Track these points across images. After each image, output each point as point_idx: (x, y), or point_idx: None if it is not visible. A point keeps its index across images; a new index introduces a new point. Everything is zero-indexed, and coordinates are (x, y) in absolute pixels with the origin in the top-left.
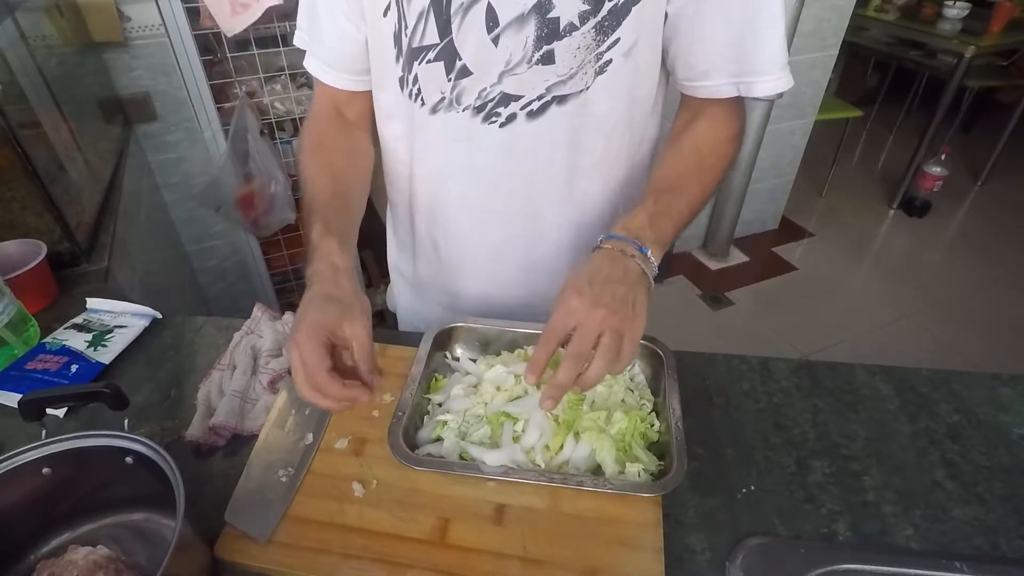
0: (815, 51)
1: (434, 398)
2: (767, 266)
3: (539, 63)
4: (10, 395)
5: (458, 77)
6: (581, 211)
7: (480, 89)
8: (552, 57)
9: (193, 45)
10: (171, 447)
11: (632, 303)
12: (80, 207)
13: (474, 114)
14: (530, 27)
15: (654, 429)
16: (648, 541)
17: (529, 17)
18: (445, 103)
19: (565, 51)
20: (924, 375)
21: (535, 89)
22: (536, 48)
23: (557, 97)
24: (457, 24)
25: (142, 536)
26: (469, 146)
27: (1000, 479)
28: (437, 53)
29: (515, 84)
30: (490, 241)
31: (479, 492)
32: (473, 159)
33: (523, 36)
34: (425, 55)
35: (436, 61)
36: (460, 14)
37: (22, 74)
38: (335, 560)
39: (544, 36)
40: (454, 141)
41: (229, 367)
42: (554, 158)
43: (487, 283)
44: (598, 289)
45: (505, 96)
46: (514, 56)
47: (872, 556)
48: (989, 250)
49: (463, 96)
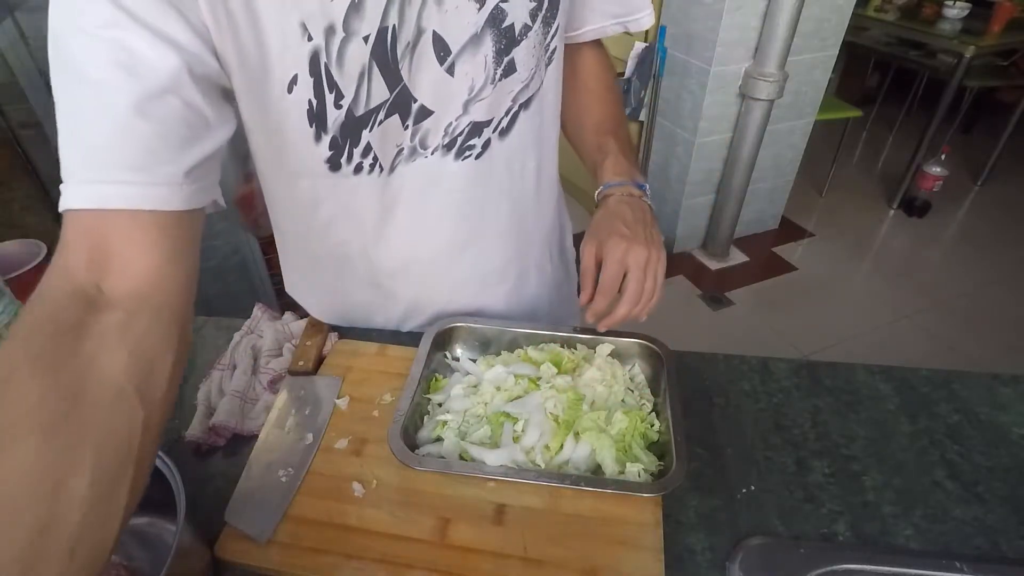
0: (815, 51)
1: (434, 398)
2: (767, 266)
3: (503, 77)
4: None
5: (416, 121)
6: (550, 197)
7: (445, 125)
8: (514, 66)
9: None
10: (171, 447)
11: (656, 237)
12: None
13: (444, 153)
14: (487, 44)
15: (654, 429)
16: (648, 541)
17: (484, 35)
18: (405, 153)
19: (524, 54)
20: (924, 375)
21: (503, 106)
22: (497, 63)
23: (522, 104)
24: (406, 68)
25: (143, 540)
26: (442, 188)
27: (1000, 479)
28: (388, 109)
29: (483, 109)
30: (484, 271)
31: (479, 492)
32: (450, 199)
33: (480, 56)
34: (375, 118)
35: (388, 118)
36: (407, 55)
37: (22, 74)
38: (335, 560)
39: (503, 48)
40: (422, 189)
41: (229, 367)
42: (527, 162)
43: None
44: (632, 230)
45: (475, 125)
46: (476, 80)
47: (872, 556)
48: (989, 250)
49: (427, 139)
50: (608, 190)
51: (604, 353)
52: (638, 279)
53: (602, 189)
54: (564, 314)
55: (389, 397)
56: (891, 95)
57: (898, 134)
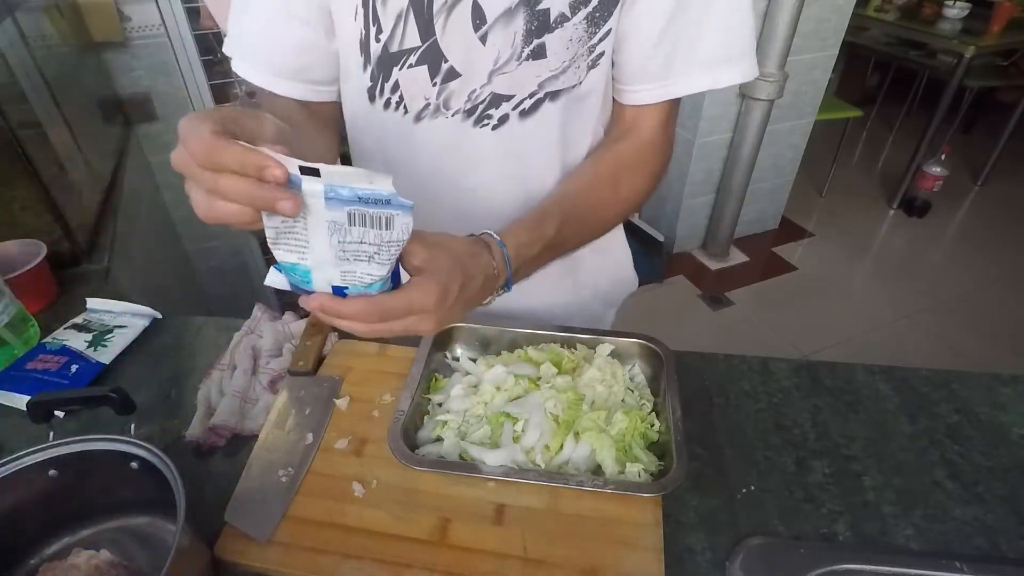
0: (815, 51)
1: (434, 398)
2: (767, 266)
3: (529, 58)
4: (10, 395)
5: (444, 80)
6: None
7: (470, 91)
8: (544, 51)
9: (193, 45)
10: (171, 447)
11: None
12: (80, 207)
13: (464, 118)
14: (519, 21)
15: (654, 429)
16: (648, 541)
17: (517, 11)
18: (431, 109)
19: (557, 44)
20: (924, 375)
21: (526, 87)
22: (526, 43)
23: (550, 93)
24: (441, 24)
25: (143, 540)
26: (459, 153)
27: (1000, 479)
28: (419, 56)
29: (506, 83)
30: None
31: (479, 492)
32: (464, 165)
33: (511, 31)
34: (406, 60)
35: (419, 65)
36: (443, 13)
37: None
38: (335, 560)
39: (534, 29)
40: (442, 149)
41: (229, 367)
42: (546, 156)
43: None
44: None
45: (496, 97)
46: (503, 53)
47: (872, 556)
48: (989, 250)
49: (451, 100)
50: (490, 241)
51: (604, 353)
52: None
53: (498, 237)
54: (560, 313)
55: (389, 397)
56: (891, 95)
57: (898, 134)
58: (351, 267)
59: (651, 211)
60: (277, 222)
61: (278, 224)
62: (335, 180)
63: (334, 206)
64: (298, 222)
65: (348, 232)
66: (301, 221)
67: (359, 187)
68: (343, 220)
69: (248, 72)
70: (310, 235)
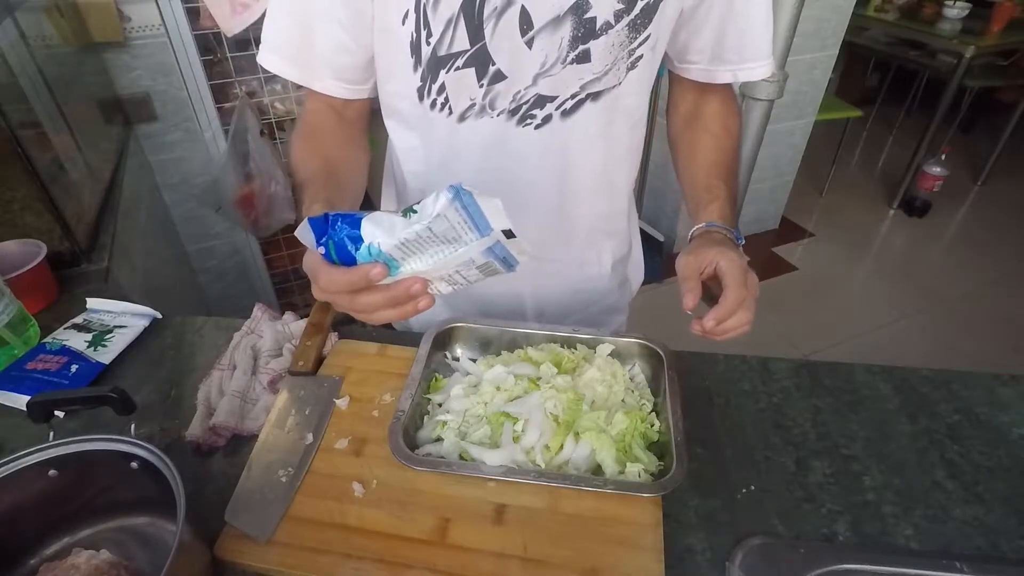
0: (815, 51)
1: (434, 398)
2: (767, 266)
3: (574, 63)
4: (10, 395)
5: (491, 82)
6: (609, 202)
7: (515, 92)
8: (588, 56)
9: (193, 45)
10: (171, 447)
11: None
12: (80, 207)
13: (508, 118)
14: (566, 28)
15: (654, 429)
16: (648, 541)
17: (565, 18)
18: (476, 109)
19: (601, 49)
20: (924, 375)
21: (569, 88)
22: (572, 48)
23: (591, 94)
24: (490, 29)
25: (144, 540)
26: (503, 150)
27: (1000, 479)
28: (467, 60)
29: (550, 85)
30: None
31: (479, 492)
32: (506, 163)
33: (558, 37)
34: (453, 62)
35: (466, 68)
36: (493, 19)
37: (22, 74)
38: (335, 560)
39: (580, 36)
40: (486, 147)
41: (229, 367)
42: (587, 153)
43: (521, 284)
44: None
45: (540, 98)
46: (549, 57)
47: (872, 556)
48: (989, 250)
49: (497, 101)
50: (712, 228)
51: (604, 353)
52: (751, 308)
53: (704, 226)
54: (597, 319)
55: (389, 397)
56: (891, 95)
57: (898, 134)
58: (436, 278)
59: (651, 211)
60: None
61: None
62: (511, 248)
63: (485, 255)
64: (448, 245)
65: (469, 267)
66: (452, 246)
67: (513, 254)
68: (478, 261)
69: (288, 70)
70: (444, 255)
